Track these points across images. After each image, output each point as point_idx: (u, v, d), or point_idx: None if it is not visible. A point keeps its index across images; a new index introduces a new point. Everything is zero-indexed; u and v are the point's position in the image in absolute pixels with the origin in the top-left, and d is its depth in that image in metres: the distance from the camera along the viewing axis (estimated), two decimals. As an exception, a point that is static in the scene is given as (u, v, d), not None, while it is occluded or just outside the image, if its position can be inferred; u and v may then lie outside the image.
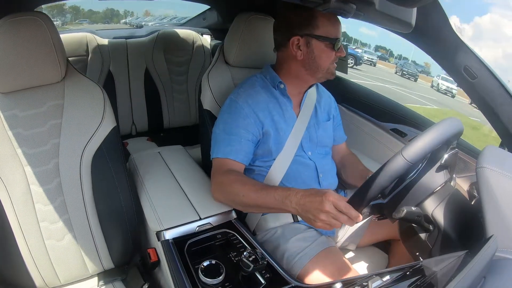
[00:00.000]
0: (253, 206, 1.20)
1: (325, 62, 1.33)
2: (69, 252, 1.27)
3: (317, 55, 1.32)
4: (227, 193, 1.24)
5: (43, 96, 1.18)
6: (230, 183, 1.23)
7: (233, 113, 1.33)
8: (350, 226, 0.97)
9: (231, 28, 1.63)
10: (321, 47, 1.31)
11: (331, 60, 1.33)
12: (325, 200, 0.98)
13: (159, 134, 2.82)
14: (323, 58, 1.32)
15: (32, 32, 1.08)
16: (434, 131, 0.93)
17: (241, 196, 1.18)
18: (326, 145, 1.51)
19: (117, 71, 2.55)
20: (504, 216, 0.88)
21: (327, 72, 1.36)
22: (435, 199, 1.03)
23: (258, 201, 1.16)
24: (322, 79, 1.41)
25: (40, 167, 1.18)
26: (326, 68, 1.35)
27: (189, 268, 1.02)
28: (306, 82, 1.43)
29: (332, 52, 1.31)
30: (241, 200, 1.20)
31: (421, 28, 1.31)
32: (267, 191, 1.14)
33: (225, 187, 1.24)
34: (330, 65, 1.35)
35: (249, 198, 1.17)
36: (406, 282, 0.85)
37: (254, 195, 1.16)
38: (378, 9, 1.05)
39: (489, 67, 1.37)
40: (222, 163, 1.29)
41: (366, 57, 20.91)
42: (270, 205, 1.13)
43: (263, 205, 1.16)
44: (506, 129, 1.38)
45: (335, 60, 1.35)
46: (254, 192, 1.16)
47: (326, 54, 1.32)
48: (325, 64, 1.34)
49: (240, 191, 1.19)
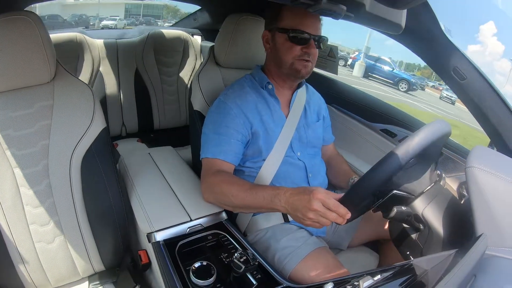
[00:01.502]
0: (243, 207, 1.20)
1: (286, 56, 1.32)
2: (59, 254, 1.25)
3: (279, 48, 1.33)
4: (217, 194, 1.24)
5: (32, 97, 1.17)
6: (219, 184, 1.22)
7: (222, 113, 1.33)
8: (340, 224, 0.95)
9: (221, 28, 1.62)
10: (281, 40, 1.32)
11: (294, 54, 1.31)
12: (313, 198, 0.96)
13: (149, 135, 2.80)
14: (283, 51, 1.32)
15: (21, 31, 1.07)
16: (425, 131, 0.95)
17: (230, 196, 1.18)
18: (315, 145, 1.51)
19: (107, 71, 2.53)
20: (494, 215, 0.89)
21: (291, 68, 1.34)
22: (425, 198, 1.04)
23: (247, 201, 1.15)
24: (291, 76, 1.39)
25: (29, 169, 1.16)
26: (289, 63, 1.33)
27: (180, 270, 1.01)
28: (283, 80, 1.43)
29: (295, 46, 1.30)
30: (231, 201, 1.19)
31: (411, 29, 1.33)
32: (256, 190, 1.14)
33: (214, 188, 1.24)
34: (294, 60, 1.32)
35: (238, 198, 1.16)
36: (397, 281, 0.86)
37: (243, 195, 1.15)
38: (368, 10, 1.05)
39: (478, 68, 1.39)
40: (212, 163, 1.29)
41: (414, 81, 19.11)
42: (259, 204, 1.13)
43: (252, 205, 1.16)
44: (495, 129, 1.39)
45: (301, 55, 1.31)
46: (243, 192, 1.16)
47: (287, 47, 1.31)
48: (287, 59, 1.33)
49: (228, 192, 1.18)
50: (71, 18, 17.99)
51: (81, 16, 18.40)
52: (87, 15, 18.54)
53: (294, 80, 1.42)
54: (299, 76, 1.36)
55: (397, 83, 15.82)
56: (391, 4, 1.04)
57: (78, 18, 18.35)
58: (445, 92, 16.76)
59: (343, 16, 1.11)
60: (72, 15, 18.05)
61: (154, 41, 2.58)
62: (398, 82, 15.85)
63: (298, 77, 1.37)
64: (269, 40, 1.38)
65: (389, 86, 14.88)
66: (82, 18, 18.46)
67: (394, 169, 0.94)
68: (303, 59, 1.32)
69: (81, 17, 18.48)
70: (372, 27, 1.42)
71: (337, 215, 0.95)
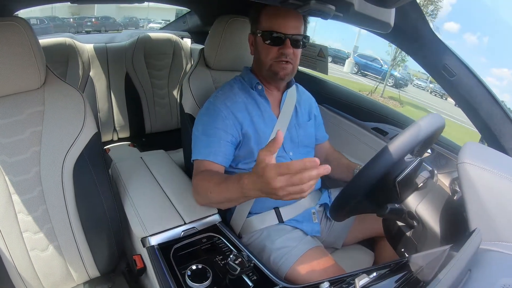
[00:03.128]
0: (224, 201, 1.16)
1: (265, 58, 1.33)
2: (53, 262, 1.24)
3: (259, 50, 1.35)
4: (200, 193, 1.24)
5: (22, 103, 1.16)
6: (201, 182, 1.22)
7: (212, 115, 1.33)
8: (315, 178, 0.84)
9: (211, 31, 1.62)
10: (260, 42, 1.33)
11: (272, 56, 1.32)
12: (270, 180, 0.86)
13: (141, 139, 2.80)
14: (262, 54, 1.34)
15: (10, 37, 1.05)
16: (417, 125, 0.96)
17: (209, 193, 1.16)
18: (307, 145, 1.52)
19: (98, 76, 2.52)
20: (486, 209, 0.89)
21: (270, 70, 1.34)
22: (418, 195, 1.04)
23: (223, 195, 1.11)
24: (269, 79, 1.40)
25: (21, 176, 1.15)
26: (268, 65, 1.34)
27: (175, 274, 1.01)
28: (267, 81, 1.43)
29: (272, 48, 1.30)
30: (211, 197, 1.16)
31: (400, 28, 1.33)
32: (226, 183, 1.09)
33: (197, 188, 1.25)
34: (272, 62, 1.33)
35: (215, 193, 1.14)
36: (392, 278, 0.86)
37: (218, 189, 1.12)
38: (357, 10, 1.06)
39: (467, 65, 1.40)
40: (201, 165, 1.29)
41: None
42: (234, 196, 1.07)
43: (231, 198, 1.10)
44: (485, 125, 1.40)
45: (278, 57, 1.31)
46: (217, 186, 1.12)
47: (265, 49, 1.32)
48: (266, 60, 1.34)
49: (208, 188, 1.17)
50: (123, 19, 18.68)
51: (131, 18, 18.85)
52: (137, 17, 18.88)
53: (275, 82, 1.42)
54: (277, 78, 1.35)
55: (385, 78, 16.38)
56: (379, 3, 1.04)
57: (129, 20, 19.03)
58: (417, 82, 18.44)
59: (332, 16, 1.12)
60: (124, 17, 18.48)
61: (144, 45, 2.58)
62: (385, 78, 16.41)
63: (276, 79, 1.37)
64: (253, 42, 1.39)
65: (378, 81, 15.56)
66: (132, 20, 19.13)
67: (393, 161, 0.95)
68: (280, 60, 1.31)
69: (132, 19, 19.10)
70: (362, 26, 1.42)
71: (308, 176, 0.83)
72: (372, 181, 0.96)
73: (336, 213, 1.07)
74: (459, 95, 1.44)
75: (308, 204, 1.47)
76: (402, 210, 1.02)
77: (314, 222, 1.46)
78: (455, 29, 37.16)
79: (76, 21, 15.44)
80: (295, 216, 1.43)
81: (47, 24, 12.13)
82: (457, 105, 1.49)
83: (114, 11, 17.94)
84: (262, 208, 1.41)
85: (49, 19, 12.83)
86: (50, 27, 12.26)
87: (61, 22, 14.08)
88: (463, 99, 1.43)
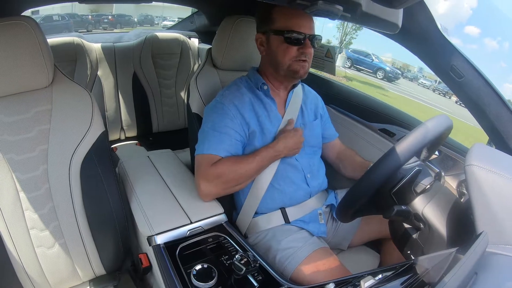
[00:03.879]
0: (252, 175, 1.33)
1: (283, 57, 1.32)
2: (60, 259, 1.25)
3: (275, 50, 1.33)
4: (228, 177, 1.28)
5: (30, 102, 1.17)
6: (233, 165, 1.28)
7: (220, 114, 1.33)
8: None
9: (218, 31, 1.62)
10: (277, 42, 1.31)
11: (291, 56, 1.31)
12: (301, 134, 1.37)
13: (148, 139, 2.81)
14: (280, 53, 1.32)
15: (19, 36, 1.06)
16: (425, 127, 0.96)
17: (244, 171, 1.28)
18: (313, 145, 1.51)
19: (105, 75, 2.53)
20: (493, 212, 0.89)
21: (288, 69, 1.34)
22: (425, 197, 1.04)
23: (257, 167, 1.31)
24: (288, 78, 1.40)
25: (28, 174, 1.16)
26: (287, 65, 1.33)
27: (181, 273, 1.01)
28: (279, 81, 1.43)
29: (292, 47, 1.30)
30: (244, 175, 1.30)
31: (407, 29, 1.33)
32: (258, 153, 1.31)
33: (226, 172, 1.27)
34: (291, 61, 1.32)
35: (250, 169, 1.29)
36: (398, 280, 0.86)
37: (254, 164, 1.29)
38: (365, 10, 1.06)
39: (475, 66, 1.39)
40: (214, 158, 1.29)
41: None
42: (266, 162, 1.33)
43: (263, 166, 1.34)
44: (493, 127, 1.39)
45: (298, 56, 1.31)
46: (251, 161, 1.29)
47: (283, 49, 1.31)
48: (284, 60, 1.33)
49: (242, 167, 1.28)
50: (139, 17, 19.33)
51: (146, 16, 19.51)
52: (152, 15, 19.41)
53: (292, 80, 1.43)
54: (297, 76, 1.36)
55: (376, 71, 17.34)
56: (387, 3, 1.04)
57: (144, 17, 19.64)
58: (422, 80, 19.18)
59: (340, 17, 1.11)
60: (139, 14, 19.10)
61: (152, 44, 2.59)
62: (376, 71, 17.36)
63: (296, 77, 1.37)
64: (264, 42, 1.37)
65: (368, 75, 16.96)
66: (147, 18, 19.75)
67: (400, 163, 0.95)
68: (300, 59, 1.32)
69: (147, 17, 19.77)
70: (369, 27, 1.42)
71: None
72: (379, 183, 0.95)
73: (342, 214, 1.07)
74: (467, 97, 1.43)
75: (314, 204, 1.47)
76: (409, 212, 1.01)
77: (320, 223, 1.45)
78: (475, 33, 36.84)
79: (94, 18, 16.18)
80: (301, 217, 1.42)
81: (67, 21, 12.96)
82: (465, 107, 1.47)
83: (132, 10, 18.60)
84: (268, 209, 1.40)
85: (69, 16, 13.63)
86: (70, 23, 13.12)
87: (80, 19, 15.03)
88: (471, 100, 1.42)
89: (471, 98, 1.42)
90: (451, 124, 1.09)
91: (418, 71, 18.91)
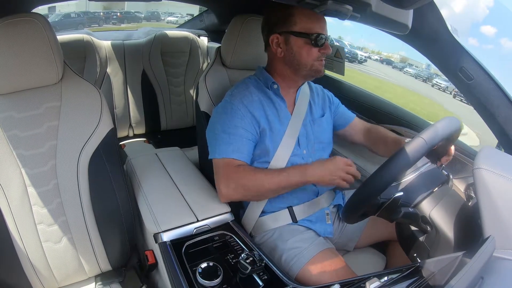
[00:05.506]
0: (274, 190, 1.29)
1: (305, 58, 1.32)
2: (66, 254, 1.26)
3: (297, 51, 1.32)
4: (249, 186, 1.27)
5: (40, 98, 1.18)
6: (253, 174, 1.28)
7: (229, 114, 1.33)
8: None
9: (228, 30, 1.62)
10: (299, 43, 1.31)
11: (314, 56, 1.32)
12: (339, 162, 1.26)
13: (156, 136, 2.81)
14: (303, 54, 1.32)
15: (29, 33, 1.07)
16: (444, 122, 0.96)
17: (266, 184, 1.25)
18: (322, 141, 1.50)
19: (114, 73, 2.55)
20: (501, 217, 0.88)
21: (311, 69, 1.35)
22: (432, 200, 1.03)
23: (281, 183, 1.26)
24: (309, 77, 1.41)
25: (37, 169, 1.17)
26: (309, 65, 1.34)
27: (186, 270, 1.01)
28: (294, 81, 1.43)
29: (314, 48, 1.30)
30: (265, 188, 1.26)
31: (417, 29, 1.32)
32: (287, 171, 1.28)
33: (241, 180, 1.27)
34: (314, 61, 1.33)
35: (272, 183, 1.26)
36: (404, 283, 0.85)
37: (277, 179, 1.26)
38: (374, 10, 1.05)
39: (485, 68, 1.38)
40: (229, 162, 1.29)
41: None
42: (293, 181, 1.27)
43: (287, 186, 1.28)
44: (503, 130, 1.38)
45: (319, 56, 1.33)
46: (276, 176, 1.27)
47: (306, 50, 1.31)
48: (307, 61, 1.33)
49: (264, 179, 1.26)
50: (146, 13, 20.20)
51: (153, 13, 20.42)
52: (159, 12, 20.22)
53: (310, 79, 1.46)
54: (318, 75, 1.38)
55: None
56: (397, 4, 1.03)
57: (151, 14, 20.39)
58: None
59: (349, 17, 1.11)
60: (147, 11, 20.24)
61: (161, 42, 2.59)
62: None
63: (317, 76, 1.39)
64: (281, 43, 1.35)
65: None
66: (154, 14, 20.48)
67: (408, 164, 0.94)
68: (321, 59, 1.34)
69: (153, 13, 20.51)
70: (379, 27, 1.41)
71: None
72: (386, 185, 0.95)
73: (348, 215, 1.07)
74: (476, 99, 1.42)
75: (322, 204, 1.46)
76: (416, 215, 1.01)
77: (327, 223, 1.45)
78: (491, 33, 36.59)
79: (105, 14, 17.36)
80: (308, 216, 1.42)
81: (82, 18, 14.66)
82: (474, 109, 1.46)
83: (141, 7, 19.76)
84: (275, 208, 1.40)
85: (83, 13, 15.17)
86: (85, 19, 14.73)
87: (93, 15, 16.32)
88: (480, 103, 1.41)
89: (480, 100, 1.41)
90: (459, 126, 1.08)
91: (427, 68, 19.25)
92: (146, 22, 18.63)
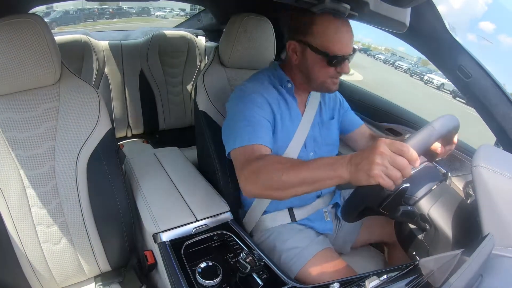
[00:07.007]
0: (296, 185, 0.98)
1: (317, 75, 1.25)
2: (65, 255, 1.26)
3: (310, 65, 1.25)
4: (265, 179, 1.03)
5: (38, 99, 1.18)
6: (270, 165, 1.04)
7: (247, 102, 1.25)
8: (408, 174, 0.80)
9: (226, 29, 1.62)
10: (315, 58, 1.22)
11: (327, 75, 1.24)
12: (379, 143, 0.81)
13: (154, 136, 2.81)
14: (315, 70, 1.24)
15: (26, 34, 1.07)
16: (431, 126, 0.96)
17: (281, 175, 0.98)
18: (330, 143, 1.48)
19: (112, 73, 2.54)
20: (500, 214, 0.88)
21: (322, 86, 1.28)
22: (431, 198, 1.03)
23: (308, 175, 0.95)
24: (318, 91, 1.37)
25: (35, 170, 1.17)
26: (320, 82, 1.26)
27: (186, 270, 1.02)
28: (305, 87, 1.37)
29: (329, 68, 1.22)
30: (282, 181, 0.98)
31: (415, 27, 1.32)
32: (315, 162, 0.96)
33: (263, 172, 1.04)
34: (326, 79, 1.25)
35: (297, 174, 0.97)
36: (403, 281, 0.85)
37: (304, 170, 0.97)
38: (372, 9, 1.05)
39: (483, 66, 1.38)
40: (250, 150, 1.14)
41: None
42: (322, 175, 0.93)
43: (309, 178, 0.95)
44: (501, 128, 1.38)
45: (334, 75, 1.24)
46: (301, 166, 0.98)
47: (320, 68, 1.23)
48: (319, 78, 1.26)
49: (279, 170, 1.00)
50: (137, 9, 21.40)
51: (144, 8, 21.46)
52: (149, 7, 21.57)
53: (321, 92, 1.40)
54: (329, 92, 1.34)
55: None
56: (394, 2, 1.03)
57: (142, 9, 21.51)
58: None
59: (347, 15, 1.11)
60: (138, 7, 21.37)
61: (159, 42, 2.59)
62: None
63: (327, 93, 1.36)
64: (297, 51, 1.28)
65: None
66: (144, 9, 21.56)
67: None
68: (335, 78, 1.26)
69: (144, 9, 21.55)
70: (377, 25, 1.41)
71: (407, 161, 0.79)
72: None
73: (347, 214, 1.06)
74: (475, 97, 1.42)
75: (320, 204, 1.46)
76: (415, 213, 1.01)
77: (326, 220, 1.45)
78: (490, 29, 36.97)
79: (99, 11, 19.33)
80: (307, 216, 1.42)
81: (79, 14, 16.97)
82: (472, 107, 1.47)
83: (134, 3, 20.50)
84: (276, 208, 1.40)
85: (80, 10, 17.30)
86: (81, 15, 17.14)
87: (88, 11, 18.37)
88: (478, 100, 1.41)
89: (478, 98, 1.41)
90: (458, 124, 1.08)
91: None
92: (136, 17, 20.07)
